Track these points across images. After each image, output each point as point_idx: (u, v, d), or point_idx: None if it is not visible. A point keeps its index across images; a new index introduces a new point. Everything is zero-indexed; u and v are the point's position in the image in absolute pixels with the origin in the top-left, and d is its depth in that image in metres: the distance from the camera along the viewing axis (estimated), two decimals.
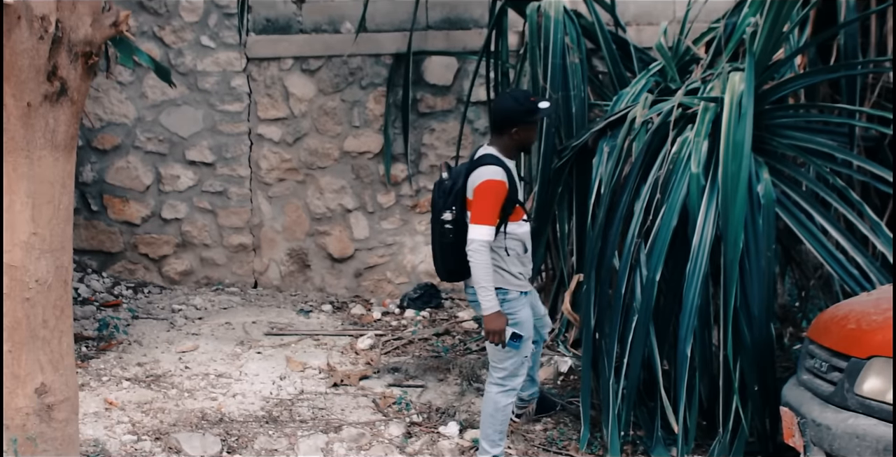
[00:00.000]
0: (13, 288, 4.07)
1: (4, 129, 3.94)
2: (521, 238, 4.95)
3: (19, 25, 3.82)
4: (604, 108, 6.65)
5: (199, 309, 7.41)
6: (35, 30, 3.85)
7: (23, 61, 3.87)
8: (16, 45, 3.84)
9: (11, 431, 4.19)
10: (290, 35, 7.95)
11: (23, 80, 3.89)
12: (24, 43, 3.85)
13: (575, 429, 5.64)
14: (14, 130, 3.94)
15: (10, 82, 3.88)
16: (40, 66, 3.90)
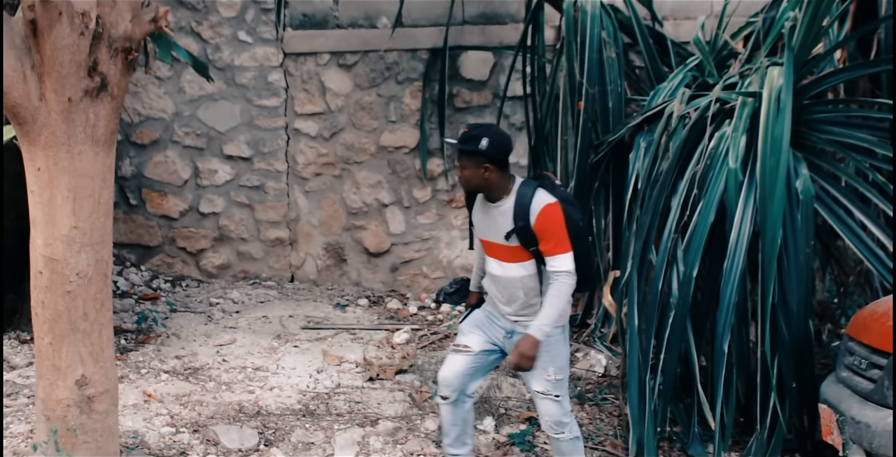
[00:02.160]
0: (54, 281, 4.12)
1: (45, 123, 3.97)
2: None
3: (60, 21, 3.85)
4: (640, 103, 6.63)
5: (236, 303, 7.45)
6: (76, 26, 3.88)
7: (64, 57, 3.90)
8: (57, 40, 3.87)
9: (52, 422, 4.24)
10: (326, 30, 7.97)
11: (64, 75, 3.92)
12: (65, 39, 3.88)
13: (610, 425, 5.63)
14: (55, 125, 3.98)
15: (51, 77, 3.92)
16: (81, 62, 3.94)
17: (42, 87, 3.94)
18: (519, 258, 4.44)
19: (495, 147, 4.33)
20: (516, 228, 4.36)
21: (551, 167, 7.32)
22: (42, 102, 3.96)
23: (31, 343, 6.13)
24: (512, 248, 4.43)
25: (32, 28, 3.85)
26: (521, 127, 7.96)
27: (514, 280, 4.47)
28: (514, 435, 5.38)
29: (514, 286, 4.48)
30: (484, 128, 4.46)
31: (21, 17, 3.89)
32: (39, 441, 4.29)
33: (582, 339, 6.78)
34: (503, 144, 4.40)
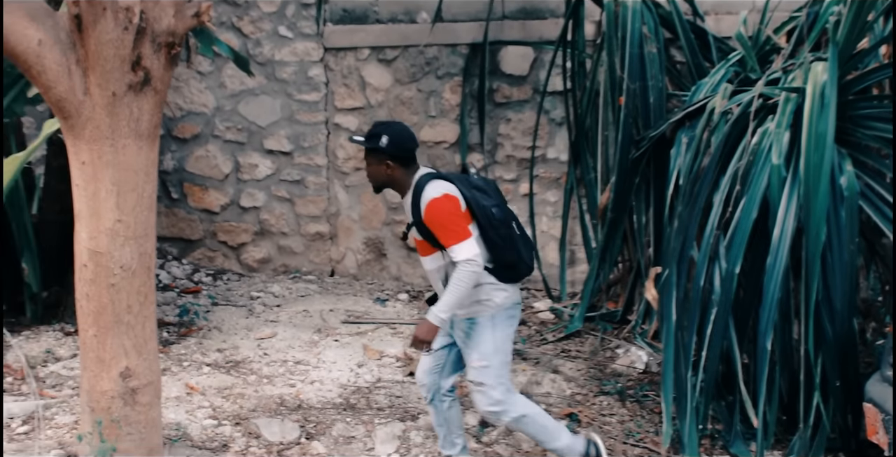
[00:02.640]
0: (98, 274, 4.15)
1: (90, 117, 4.01)
2: None
3: (105, 16, 3.88)
4: (682, 99, 6.59)
5: (276, 296, 7.49)
6: (120, 21, 3.90)
7: (108, 51, 3.93)
8: (101, 35, 3.90)
9: (97, 413, 4.28)
10: (366, 25, 7.98)
11: (108, 69, 3.95)
12: (110, 34, 3.91)
13: (651, 422, 5.61)
14: (99, 119, 4.01)
15: (95, 72, 3.95)
16: (125, 57, 3.96)
17: (86, 81, 3.98)
18: (429, 251, 4.50)
19: (395, 145, 4.41)
20: (414, 222, 4.43)
21: (592, 162, 7.30)
22: (86, 97, 3.99)
23: (75, 335, 6.19)
24: (420, 241, 4.50)
25: (77, 23, 3.89)
26: (561, 122, 7.93)
27: (433, 272, 4.54)
28: None
29: (434, 278, 4.56)
30: (385, 125, 4.54)
31: (66, 12, 3.92)
32: (84, 432, 4.33)
33: (622, 335, 6.75)
34: (403, 141, 4.45)
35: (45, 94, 4.00)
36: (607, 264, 7.01)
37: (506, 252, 4.43)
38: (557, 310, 7.33)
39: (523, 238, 4.54)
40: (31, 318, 6.52)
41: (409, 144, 4.48)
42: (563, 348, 6.64)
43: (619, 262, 7.09)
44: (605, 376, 6.16)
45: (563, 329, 6.92)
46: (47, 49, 3.87)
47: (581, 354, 6.54)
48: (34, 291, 6.46)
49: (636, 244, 6.86)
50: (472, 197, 4.39)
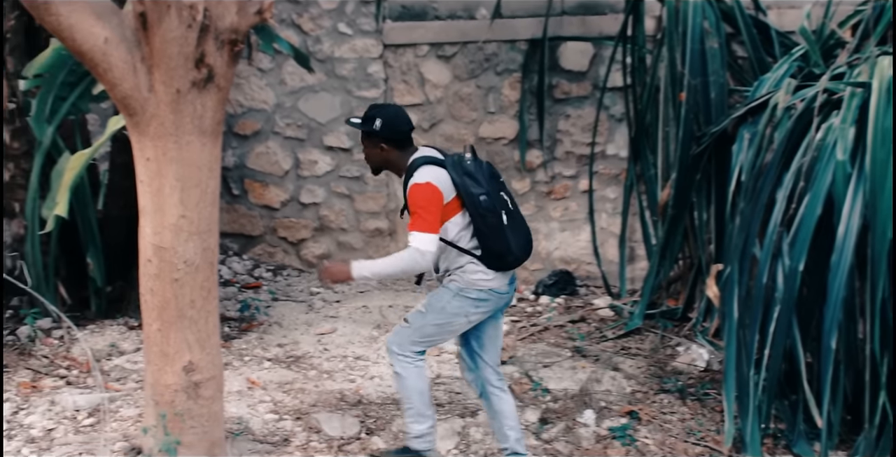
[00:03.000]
0: (163, 269, 4.20)
1: (154, 114, 4.05)
2: None
3: (169, 14, 3.92)
4: (744, 94, 6.52)
5: (336, 292, 7.52)
6: (184, 18, 3.94)
7: (172, 49, 3.97)
8: (166, 33, 3.94)
9: (160, 406, 4.34)
10: (425, 22, 7.98)
11: (172, 67, 3.99)
12: (174, 31, 3.95)
13: (712, 420, 5.56)
14: (163, 116, 4.05)
15: (160, 69, 3.99)
16: (189, 54, 4.00)
17: (151, 78, 4.02)
18: None
19: (389, 127, 4.45)
20: (405, 204, 4.46)
21: (652, 159, 7.25)
22: (151, 94, 4.03)
23: (139, 329, 6.27)
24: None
25: (142, 21, 3.93)
26: (620, 118, 7.88)
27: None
28: (615, 429, 5.35)
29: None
30: (380, 108, 4.57)
31: (131, 10, 3.97)
32: (149, 425, 4.39)
33: (683, 333, 6.70)
34: (397, 124, 4.48)
35: (110, 91, 4.05)
36: (667, 261, 6.96)
37: (492, 241, 4.41)
38: (617, 307, 7.29)
39: (515, 227, 4.47)
40: (95, 312, 6.61)
41: (402, 127, 4.50)
42: (622, 346, 6.60)
43: (680, 259, 7.04)
44: (665, 374, 6.12)
45: (623, 326, 6.88)
46: (113, 47, 3.92)
47: (641, 351, 6.51)
48: (99, 286, 6.55)
49: (697, 241, 6.80)
50: (462, 184, 4.36)
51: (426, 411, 4.65)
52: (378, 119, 4.46)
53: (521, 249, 4.49)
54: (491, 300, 4.51)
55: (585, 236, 8.03)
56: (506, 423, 4.78)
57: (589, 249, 7.94)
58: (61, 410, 5.25)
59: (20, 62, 6.20)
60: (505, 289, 4.55)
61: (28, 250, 6.26)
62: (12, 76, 6.19)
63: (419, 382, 4.61)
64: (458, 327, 4.57)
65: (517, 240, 4.45)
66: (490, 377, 4.75)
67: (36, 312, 6.25)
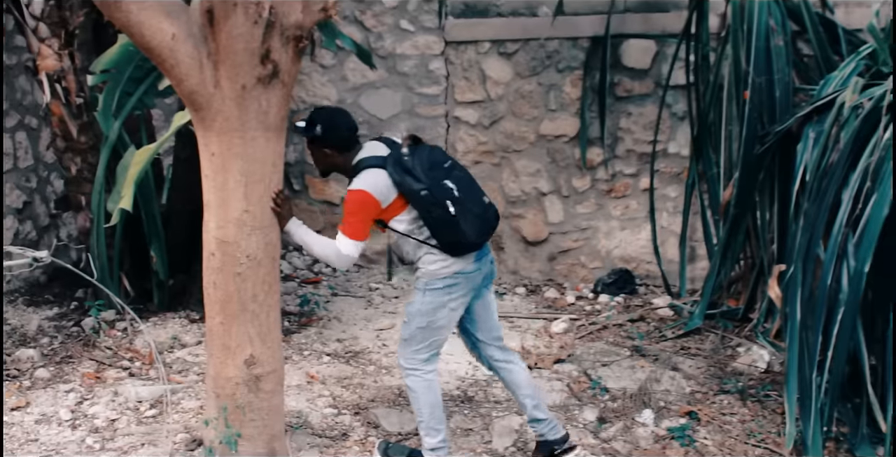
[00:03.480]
0: (226, 263, 4.25)
1: (220, 110, 4.09)
2: None
3: (235, 11, 3.96)
4: (809, 93, 6.44)
5: (395, 288, 7.55)
6: (250, 15, 3.98)
7: (238, 45, 4.01)
8: (232, 29, 3.98)
9: (222, 399, 4.39)
10: (487, 18, 7.97)
11: (238, 63, 4.03)
12: (240, 27, 3.99)
13: (773, 422, 5.50)
14: (229, 111, 4.10)
15: (225, 65, 4.03)
16: (254, 50, 4.04)
17: (217, 74, 4.07)
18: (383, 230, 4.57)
19: (329, 132, 4.47)
20: None
21: (714, 157, 7.18)
22: (217, 89, 4.08)
23: (200, 322, 6.35)
24: None
25: (209, 17, 3.98)
26: (683, 117, 7.82)
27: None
28: (674, 429, 5.31)
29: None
30: (320, 112, 4.59)
31: (198, 6, 4.01)
32: (210, 417, 4.44)
33: (744, 333, 6.63)
34: (337, 128, 4.49)
35: (177, 86, 4.11)
36: (729, 261, 6.89)
37: (443, 233, 4.42)
38: (677, 307, 7.24)
39: (465, 212, 4.42)
40: (157, 305, 6.71)
41: (342, 133, 4.51)
42: (682, 346, 6.55)
43: (741, 259, 6.96)
44: (725, 375, 6.07)
45: (683, 326, 6.82)
46: (180, 43, 3.97)
47: (701, 351, 6.45)
48: (161, 279, 6.64)
49: (759, 241, 6.73)
50: (402, 182, 4.36)
51: (438, 425, 4.69)
52: (318, 125, 4.47)
53: (477, 231, 4.46)
54: (460, 283, 4.52)
55: (645, 235, 7.98)
56: (520, 392, 4.83)
57: (649, 247, 7.89)
58: (124, 401, 5.33)
59: (88, 57, 6.30)
60: (471, 268, 4.54)
61: (93, 243, 6.36)
62: (80, 71, 6.29)
63: (429, 395, 4.64)
64: (444, 321, 4.58)
65: (470, 225, 4.43)
66: (492, 353, 4.81)
67: (100, 304, 6.35)
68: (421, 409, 4.66)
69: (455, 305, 4.56)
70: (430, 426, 4.67)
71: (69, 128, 6.35)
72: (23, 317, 6.54)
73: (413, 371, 4.63)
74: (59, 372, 5.74)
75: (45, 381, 5.62)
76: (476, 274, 4.57)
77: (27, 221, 7.24)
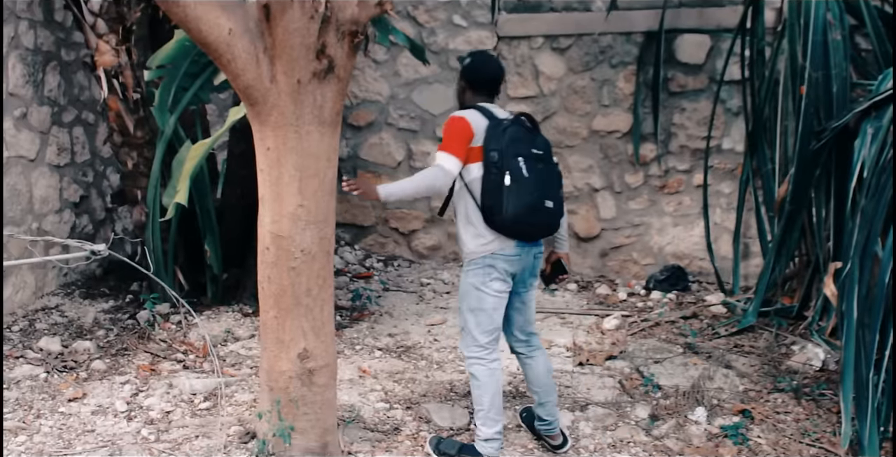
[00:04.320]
0: (280, 257, 4.27)
1: (275, 104, 4.11)
2: None
3: (292, 5, 3.97)
4: (867, 88, 6.35)
5: (446, 283, 7.55)
6: (306, 10, 3.99)
7: (294, 40, 4.02)
8: (288, 24, 4.00)
9: (275, 393, 4.41)
10: (540, 13, 7.95)
11: (294, 57, 4.05)
12: (296, 22, 4.00)
13: (828, 422, 5.43)
14: (284, 106, 4.11)
15: (281, 60, 4.05)
16: (310, 45, 4.05)
17: (273, 69, 4.08)
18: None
19: (472, 69, 4.68)
20: None
21: (769, 153, 7.11)
22: (273, 84, 4.10)
23: (253, 316, 6.39)
24: None
25: (266, 12, 3.99)
26: (737, 112, 7.75)
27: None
28: (727, 427, 5.26)
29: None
30: (477, 52, 4.90)
31: (255, 1, 4.04)
32: (263, 410, 4.46)
33: (798, 331, 6.56)
34: (479, 68, 4.69)
35: (233, 81, 4.13)
36: (783, 258, 6.82)
37: (488, 196, 4.45)
38: (730, 304, 7.18)
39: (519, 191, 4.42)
40: (211, 299, 6.76)
41: (483, 74, 4.68)
42: (735, 343, 6.49)
43: (796, 256, 6.89)
44: (779, 373, 6.01)
45: (736, 324, 6.77)
46: (237, 38, 3.99)
47: (755, 349, 6.39)
48: (215, 273, 6.69)
49: (815, 238, 6.65)
50: (486, 137, 4.48)
51: (496, 416, 4.67)
52: (469, 59, 4.72)
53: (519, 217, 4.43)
54: (497, 265, 4.51)
55: (699, 231, 7.92)
56: (531, 387, 4.91)
57: (702, 244, 7.84)
58: (179, 393, 5.38)
59: (144, 53, 6.36)
60: (510, 251, 4.52)
61: (148, 237, 6.42)
62: (137, 67, 6.36)
63: (492, 383, 4.63)
64: (489, 303, 4.55)
65: (514, 206, 4.40)
66: (514, 345, 4.88)
67: (155, 297, 6.41)
68: (482, 397, 4.64)
69: (497, 286, 4.54)
70: (488, 416, 4.65)
71: (126, 123, 6.41)
72: (79, 309, 6.63)
73: (477, 360, 4.62)
74: (114, 364, 5.81)
75: (101, 372, 5.68)
76: (516, 260, 4.55)
77: (84, 214, 7.34)
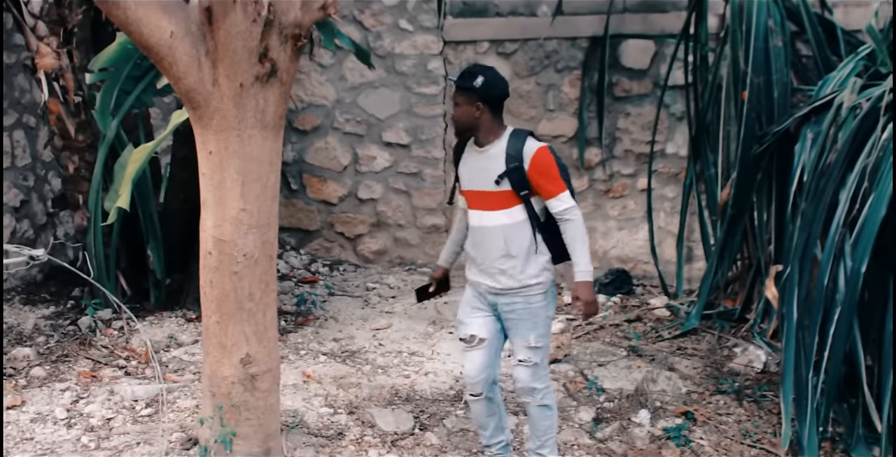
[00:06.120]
0: (222, 261, 4.24)
1: (218, 108, 4.09)
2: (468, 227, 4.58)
3: (234, 9, 3.95)
4: (807, 94, 6.44)
5: (392, 288, 7.55)
6: (249, 13, 3.97)
7: (236, 43, 4.00)
8: (231, 27, 3.97)
9: (217, 398, 4.38)
10: (486, 18, 7.97)
11: (236, 61, 4.03)
12: (239, 25, 3.98)
13: (769, 422, 5.50)
14: (226, 110, 4.09)
15: (224, 63, 4.03)
16: (253, 48, 4.03)
17: (215, 72, 4.06)
18: (506, 205, 4.36)
19: (489, 86, 4.34)
20: (508, 169, 4.31)
21: (712, 158, 7.18)
22: (215, 88, 4.07)
23: (197, 322, 6.34)
24: (500, 193, 4.35)
25: (208, 15, 3.97)
26: (681, 117, 7.82)
27: (497, 229, 4.38)
28: (670, 429, 5.31)
29: (495, 235, 4.38)
30: (483, 68, 4.47)
31: (197, 4, 4.01)
32: (206, 416, 4.43)
33: (740, 334, 6.64)
34: (497, 84, 4.38)
35: (175, 84, 4.10)
36: (726, 262, 6.90)
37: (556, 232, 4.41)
38: (674, 307, 7.24)
39: None
40: (154, 304, 6.70)
41: (502, 89, 4.41)
42: (679, 346, 6.55)
43: (738, 259, 6.97)
44: (721, 375, 6.07)
45: (680, 326, 6.83)
46: (179, 41, 3.96)
47: (697, 352, 6.45)
48: (158, 278, 6.63)
49: (756, 242, 6.73)
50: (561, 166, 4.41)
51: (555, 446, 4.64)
52: (480, 76, 4.37)
53: None
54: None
55: (643, 235, 7.98)
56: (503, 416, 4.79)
57: (646, 248, 7.89)
58: (120, 399, 5.32)
59: (86, 56, 6.30)
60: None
61: (90, 242, 6.35)
62: (79, 70, 6.29)
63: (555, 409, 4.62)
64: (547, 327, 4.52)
65: None
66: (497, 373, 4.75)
67: (97, 303, 6.34)
68: (553, 425, 4.60)
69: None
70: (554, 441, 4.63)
71: (67, 126, 6.34)
72: (19, 315, 6.53)
73: (548, 389, 4.55)
74: (54, 371, 5.74)
75: (41, 379, 5.61)
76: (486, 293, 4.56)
77: (24, 219, 7.24)
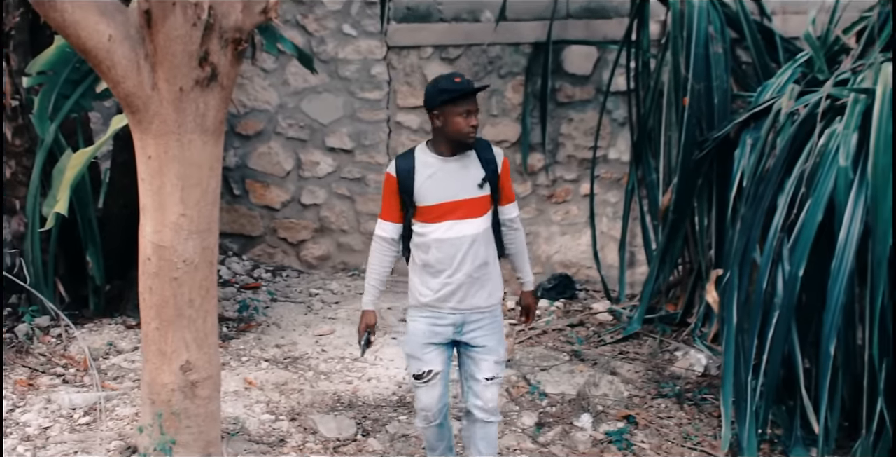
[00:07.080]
0: (162, 267, 4.20)
1: (157, 112, 4.05)
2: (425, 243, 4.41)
3: (174, 12, 3.92)
4: (747, 100, 6.52)
5: (335, 294, 7.52)
6: (189, 16, 3.94)
7: (176, 47, 3.97)
8: (170, 31, 3.94)
9: (157, 405, 4.33)
10: (430, 23, 7.98)
11: (176, 65, 3.99)
12: (178, 29, 3.95)
13: (710, 425, 5.55)
14: (166, 114, 4.05)
15: (163, 67, 3.99)
16: (193, 52, 4.00)
17: (154, 76, 4.02)
18: (484, 210, 4.32)
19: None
20: (488, 173, 4.29)
21: (654, 163, 7.24)
22: (154, 92, 4.03)
23: (137, 328, 6.27)
24: (481, 199, 4.30)
25: (147, 19, 3.93)
26: (623, 123, 7.88)
27: (478, 236, 4.30)
28: (612, 433, 5.34)
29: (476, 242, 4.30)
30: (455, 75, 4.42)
31: (136, 7, 3.97)
32: (144, 424, 4.38)
33: (682, 337, 6.69)
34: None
35: (114, 88, 4.06)
36: (667, 266, 6.95)
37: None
38: (616, 311, 7.28)
39: None
40: (93, 311, 6.61)
41: None
42: (621, 350, 6.59)
43: (680, 264, 7.03)
44: (663, 379, 6.12)
45: (622, 331, 6.87)
46: (117, 44, 3.92)
47: (639, 356, 6.50)
48: (97, 285, 6.55)
49: (697, 246, 6.80)
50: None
51: None
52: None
53: None
54: None
55: (586, 240, 8.03)
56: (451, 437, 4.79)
57: (589, 253, 7.94)
58: (57, 408, 5.24)
59: (24, 59, 6.20)
60: None
61: (28, 248, 6.26)
62: (16, 73, 6.19)
63: None
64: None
65: None
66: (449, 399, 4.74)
67: (34, 310, 6.25)
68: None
69: None
70: None
71: (3, 130, 6.24)
72: None
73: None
74: None
75: None
76: None
77: None
